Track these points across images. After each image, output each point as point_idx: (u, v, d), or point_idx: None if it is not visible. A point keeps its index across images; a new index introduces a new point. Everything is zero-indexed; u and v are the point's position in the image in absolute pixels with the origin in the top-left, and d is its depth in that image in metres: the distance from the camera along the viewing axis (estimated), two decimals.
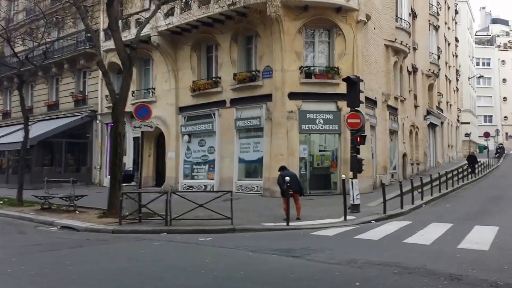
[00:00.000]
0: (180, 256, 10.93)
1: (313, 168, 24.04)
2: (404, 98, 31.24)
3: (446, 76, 47.10)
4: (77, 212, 18.82)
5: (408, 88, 32.98)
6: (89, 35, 32.95)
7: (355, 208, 17.71)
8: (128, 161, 30.53)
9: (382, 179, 26.08)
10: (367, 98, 24.88)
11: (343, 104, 23.16)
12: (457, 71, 55.06)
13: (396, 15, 28.81)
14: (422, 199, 21.28)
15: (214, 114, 26.03)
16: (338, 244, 12.06)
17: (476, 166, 35.75)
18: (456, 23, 55.30)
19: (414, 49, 34.75)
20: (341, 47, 23.65)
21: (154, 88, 29.45)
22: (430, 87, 39.56)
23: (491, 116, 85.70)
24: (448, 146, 48.08)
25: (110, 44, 30.45)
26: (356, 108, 17.89)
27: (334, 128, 23.40)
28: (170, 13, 26.71)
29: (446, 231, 13.61)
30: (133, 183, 17.74)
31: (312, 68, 23.52)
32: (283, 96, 23.08)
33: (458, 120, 56.22)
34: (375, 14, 26.39)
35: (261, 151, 23.96)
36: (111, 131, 32.39)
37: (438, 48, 41.07)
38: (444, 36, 46.16)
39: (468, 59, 65.58)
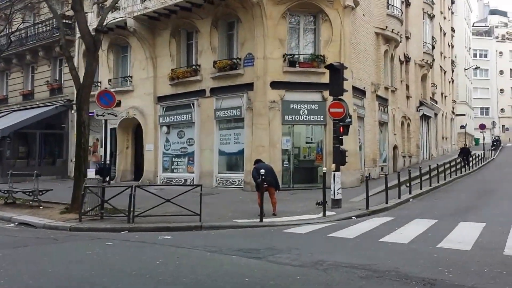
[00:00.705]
0: (129, 257, 9.80)
1: (298, 160, 22.83)
2: (395, 88, 29.92)
3: (441, 66, 45.67)
4: (41, 207, 17.64)
5: (399, 78, 31.65)
6: (64, 21, 31.71)
7: (336, 203, 16.51)
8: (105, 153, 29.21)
9: (371, 172, 24.82)
10: (355, 88, 23.63)
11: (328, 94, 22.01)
12: (452, 62, 53.53)
13: (388, 2, 27.47)
14: (410, 193, 20.12)
15: (193, 104, 24.69)
16: (309, 243, 11.03)
17: (470, 159, 34.39)
18: (452, 13, 53.80)
19: (407, 38, 33.39)
20: (328, 33, 22.32)
21: (131, 76, 28.05)
22: (424, 77, 38.16)
23: (487, 108, 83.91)
24: (443, 138, 46.72)
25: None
26: (339, 97, 16.60)
27: (319, 119, 22.11)
28: None
29: (428, 228, 12.71)
30: (97, 176, 16.36)
31: (296, 56, 22.19)
32: (264, 85, 21.77)
33: (453, 112, 54.69)
34: (365, 0, 25.08)
35: (242, 143, 22.67)
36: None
37: (433, 37, 39.71)
38: (440, 26, 44.75)
39: (464, 50, 63.93)
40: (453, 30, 53.37)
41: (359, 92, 24.46)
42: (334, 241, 11.23)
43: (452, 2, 53.32)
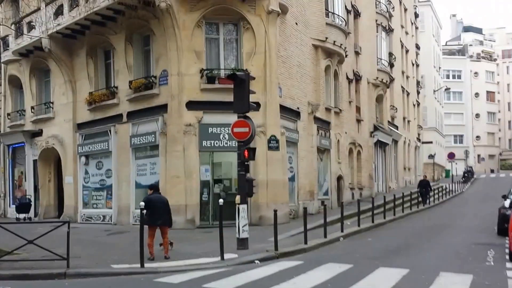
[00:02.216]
0: None
1: (220, 193, 19.93)
2: (340, 110, 26.99)
3: (402, 87, 42.81)
4: None
5: (347, 99, 28.92)
6: None
7: (242, 244, 13.80)
8: (28, 187, 26.38)
9: (308, 206, 22.05)
10: (285, 108, 21.06)
11: (254, 114, 19.14)
12: (418, 82, 50.81)
13: (327, 9, 24.86)
14: (342, 231, 17.39)
15: (110, 131, 21.95)
16: None
17: (429, 194, 30.84)
18: (417, 28, 51.46)
19: (357, 53, 30.93)
20: (250, 44, 19.76)
21: (52, 103, 25.26)
22: (379, 98, 35.19)
23: (462, 135, 77.91)
24: (405, 168, 42.98)
25: (10, 54, 26.64)
26: (245, 114, 13.99)
27: None
28: (60, 12, 22.75)
29: (335, 275, 10.40)
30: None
31: (215, 71, 19.59)
32: (179, 105, 19.11)
33: (418, 139, 50.82)
34: (297, 6, 22.66)
35: (158, 173, 19.85)
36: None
37: (391, 54, 37.34)
38: (401, 41, 42.29)
39: (433, 70, 60.09)
40: (417, 47, 50.96)
41: (291, 113, 21.78)
42: None
43: (416, 16, 50.94)
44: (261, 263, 12.26)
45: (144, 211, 12.15)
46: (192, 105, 19.12)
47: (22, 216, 24.15)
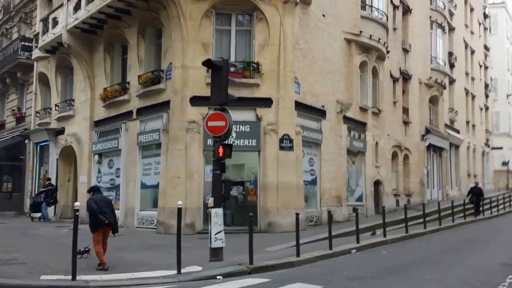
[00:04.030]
0: None
1: (237, 196, 18.32)
2: (379, 110, 24.37)
3: (466, 89, 39.19)
4: None
5: (391, 99, 26.28)
6: (24, 43, 29.08)
7: (215, 254, 12.00)
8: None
9: (335, 213, 19.84)
10: (305, 106, 19.04)
11: (265, 112, 17.63)
12: (487, 85, 46.62)
13: (364, 2, 22.54)
14: (357, 242, 15.10)
15: (121, 129, 20.78)
16: None
17: (481, 204, 27.29)
18: (486, 29, 47.30)
19: (405, 50, 28.16)
20: (264, 35, 17.93)
21: (73, 100, 24.50)
22: (434, 100, 32.08)
23: None
24: (469, 175, 39.01)
25: (38, 51, 26.31)
26: (222, 107, 12.21)
27: (251, 144, 17.63)
28: (78, 6, 21.93)
29: None
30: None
31: None
32: (182, 101, 17.57)
33: (487, 145, 46.39)
34: None
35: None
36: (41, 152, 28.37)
37: (451, 53, 34.15)
38: (464, 41, 38.70)
39: (507, 73, 55.38)
40: (487, 48, 46.84)
41: (312, 112, 19.64)
42: None
43: (486, 17, 46.84)
44: (223, 279, 10.38)
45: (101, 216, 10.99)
46: (196, 100, 17.50)
47: (38, 215, 23.49)
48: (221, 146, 11.79)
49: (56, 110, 25.51)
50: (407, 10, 28.40)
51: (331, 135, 20.62)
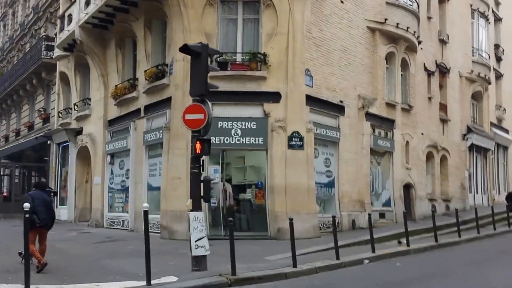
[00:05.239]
0: None
1: (251, 199, 17.11)
2: (410, 106, 22.26)
3: None
4: None
5: (425, 94, 24.12)
6: (47, 43, 28.79)
7: (197, 263, 10.67)
8: (69, 188, 25.17)
9: (358, 218, 18.17)
10: (319, 100, 17.49)
11: (272, 107, 16.20)
12: None
13: None
14: (373, 251, 13.43)
15: (129, 128, 19.84)
16: None
17: None
18: None
19: (442, 41, 25.97)
20: (272, 24, 16.50)
21: (89, 99, 23.81)
22: (478, 96, 29.60)
23: None
24: None
25: (57, 50, 25.85)
26: (202, 97, 10.91)
27: (258, 142, 16.22)
28: (89, 1, 21.18)
29: None
30: None
31: (228, 55, 16.56)
32: (184, 96, 16.24)
33: None
34: None
35: None
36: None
37: (497, 46, 31.56)
38: None
39: None
40: None
41: (328, 107, 17.96)
42: None
43: None
44: None
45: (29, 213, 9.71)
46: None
47: None
48: (198, 142, 10.44)
49: (75, 109, 24.91)
50: None
51: (351, 133, 18.90)
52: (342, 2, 18.77)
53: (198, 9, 16.40)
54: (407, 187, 21.91)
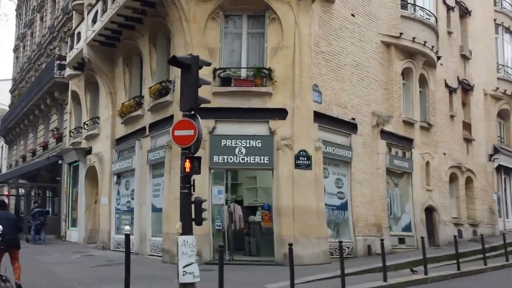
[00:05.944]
0: None
1: (260, 222, 16.17)
2: (429, 125, 21.16)
3: None
4: None
5: (447, 112, 23.03)
6: (59, 62, 28.59)
7: None
8: (79, 209, 24.63)
9: (374, 243, 17.08)
10: (329, 118, 16.63)
11: (278, 124, 15.38)
12: None
13: (404, 0, 19.86)
14: (385, 280, 12.39)
15: (135, 146, 19.22)
16: None
17: None
18: None
19: (465, 57, 24.91)
20: (277, 38, 15.75)
21: (98, 118, 23.35)
22: (505, 114, 28.25)
23: None
24: None
25: (68, 69, 25.59)
26: (192, 113, 10.17)
27: (263, 161, 15.35)
28: (95, 19, 20.89)
29: None
30: None
31: (232, 70, 15.86)
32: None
33: None
34: None
35: None
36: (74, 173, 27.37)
37: None
38: None
39: None
40: None
41: (340, 125, 17.05)
42: None
43: None
44: None
45: None
46: (201, 112, 15.36)
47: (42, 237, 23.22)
48: (187, 160, 9.65)
49: (85, 128, 24.48)
50: (465, 12, 25.19)
51: (364, 152, 17.89)
52: (353, 15, 17.96)
53: (201, 23, 15.77)
54: (430, 211, 20.70)
